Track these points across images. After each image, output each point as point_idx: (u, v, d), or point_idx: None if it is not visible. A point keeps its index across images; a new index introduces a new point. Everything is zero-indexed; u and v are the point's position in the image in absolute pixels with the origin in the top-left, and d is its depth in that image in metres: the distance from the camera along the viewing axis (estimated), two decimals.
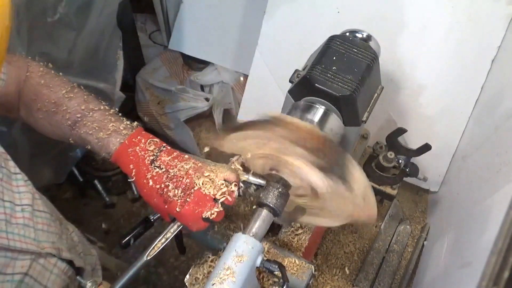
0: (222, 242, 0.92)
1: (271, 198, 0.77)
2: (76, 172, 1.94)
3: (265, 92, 1.73)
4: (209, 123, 2.28)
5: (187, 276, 0.90)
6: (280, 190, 0.78)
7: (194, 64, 2.29)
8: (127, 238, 0.86)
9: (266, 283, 0.87)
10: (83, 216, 2.02)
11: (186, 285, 0.90)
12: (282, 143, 0.77)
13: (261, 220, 0.75)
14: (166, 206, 0.76)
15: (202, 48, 2.20)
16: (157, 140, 0.82)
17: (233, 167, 0.81)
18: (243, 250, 0.69)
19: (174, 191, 0.75)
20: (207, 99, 2.14)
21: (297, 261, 0.89)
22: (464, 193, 1.31)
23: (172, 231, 0.81)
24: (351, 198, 0.77)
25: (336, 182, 0.74)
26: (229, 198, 0.77)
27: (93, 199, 2.03)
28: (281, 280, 0.72)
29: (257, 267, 0.72)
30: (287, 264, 0.89)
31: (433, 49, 1.41)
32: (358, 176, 0.76)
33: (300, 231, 1.01)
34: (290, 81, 0.96)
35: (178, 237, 0.88)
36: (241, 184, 0.81)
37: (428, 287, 1.26)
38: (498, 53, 1.33)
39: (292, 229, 1.00)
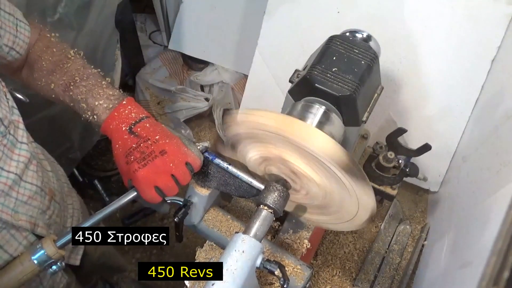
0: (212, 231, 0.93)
1: (271, 198, 0.77)
2: (76, 172, 1.93)
3: (265, 92, 1.73)
4: (209, 123, 2.29)
5: None
6: (280, 190, 0.78)
7: (194, 64, 2.28)
8: (131, 220, 0.87)
9: (265, 283, 0.87)
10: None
11: (186, 285, 0.90)
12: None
13: (261, 220, 0.75)
14: (126, 166, 0.77)
15: (202, 48, 2.20)
16: (144, 110, 0.83)
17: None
18: (243, 250, 0.69)
19: (138, 154, 0.77)
20: (207, 99, 2.14)
21: (294, 264, 0.89)
22: (464, 193, 1.30)
23: (127, 197, 0.81)
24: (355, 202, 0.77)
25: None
26: (185, 179, 0.79)
27: (93, 199, 2.03)
28: (281, 280, 0.72)
29: (257, 267, 0.72)
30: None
31: (433, 49, 1.41)
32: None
33: (300, 231, 1.00)
34: (290, 81, 0.96)
35: (179, 225, 0.89)
36: None
37: (428, 287, 1.26)
38: (498, 53, 1.33)
39: (292, 230, 1.00)
